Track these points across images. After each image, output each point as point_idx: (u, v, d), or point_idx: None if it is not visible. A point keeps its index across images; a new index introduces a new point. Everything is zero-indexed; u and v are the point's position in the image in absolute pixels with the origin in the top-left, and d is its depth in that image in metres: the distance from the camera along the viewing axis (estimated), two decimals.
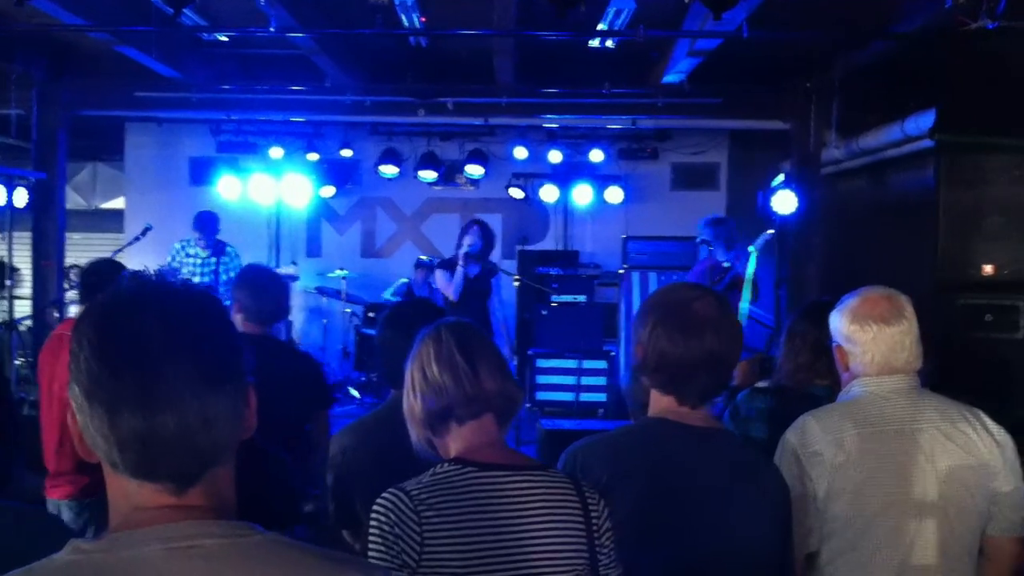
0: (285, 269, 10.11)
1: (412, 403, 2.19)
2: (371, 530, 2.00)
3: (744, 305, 7.55)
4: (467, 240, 7.42)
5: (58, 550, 1.22)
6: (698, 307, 2.30)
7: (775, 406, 3.33)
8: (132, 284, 1.31)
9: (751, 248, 7.60)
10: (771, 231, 7.87)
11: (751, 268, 7.43)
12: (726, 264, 8.19)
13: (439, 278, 7.64)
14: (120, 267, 4.73)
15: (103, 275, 4.57)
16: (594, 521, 2.08)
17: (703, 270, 8.33)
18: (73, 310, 4.67)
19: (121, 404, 1.20)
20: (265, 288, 4.27)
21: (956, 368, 4.75)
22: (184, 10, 6.11)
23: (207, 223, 9.03)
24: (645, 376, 2.39)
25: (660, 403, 2.37)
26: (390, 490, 2.02)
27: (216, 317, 1.33)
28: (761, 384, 3.79)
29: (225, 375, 1.27)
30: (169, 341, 1.23)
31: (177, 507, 1.24)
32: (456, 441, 2.15)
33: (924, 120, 7.63)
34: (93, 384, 1.22)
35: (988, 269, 5.14)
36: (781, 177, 9.48)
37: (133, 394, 1.20)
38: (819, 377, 3.26)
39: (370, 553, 1.98)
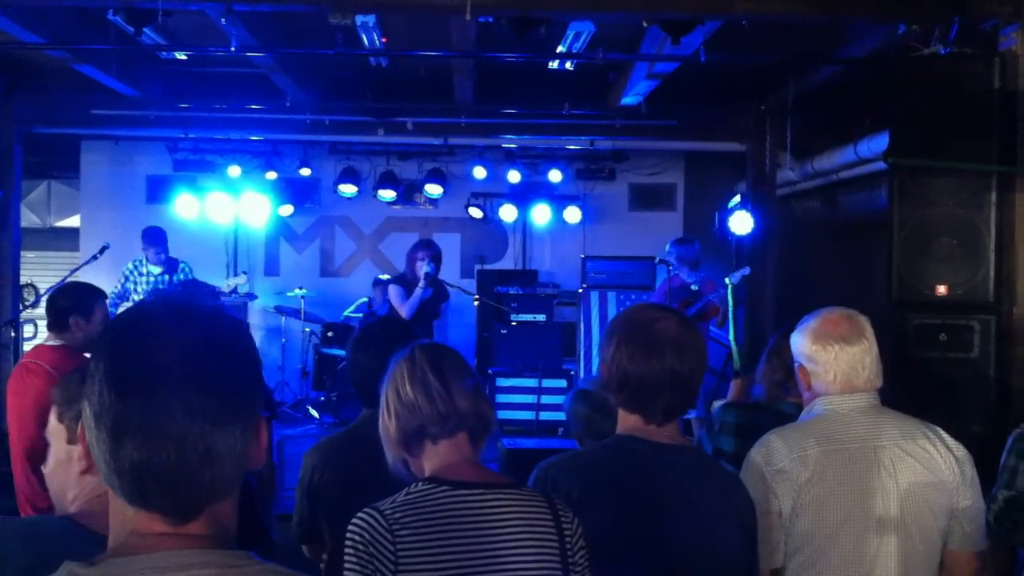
0: (234, 280, 9.71)
1: (387, 423, 2.21)
2: (346, 549, 2.01)
3: (727, 335, 7.65)
4: (422, 268, 7.46)
5: None
6: (660, 327, 2.36)
7: (744, 421, 3.40)
8: (156, 305, 1.27)
9: (728, 280, 7.69)
10: (748, 268, 7.98)
11: (730, 301, 7.54)
12: (694, 287, 8.28)
13: (393, 293, 7.62)
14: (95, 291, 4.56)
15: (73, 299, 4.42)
16: (567, 538, 2.11)
17: (665, 291, 8.40)
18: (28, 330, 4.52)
19: (123, 432, 1.18)
20: None
21: (911, 386, 4.83)
22: (144, 28, 6.10)
23: (156, 236, 8.94)
24: (611, 394, 2.44)
25: (627, 421, 2.41)
26: (365, 510, 2.03)
27: (238, 347, 1.29)
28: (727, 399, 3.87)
29: (235, 410, 1.23)
30: (182, 372, 1.19)
31: (174, 535, 1.22)
32: (430, 460, 2.17)
33: (876, 143, 7.79)
34: (100, 407, 1.20)
35: (942, 289, 5.24)
36: (737, 198, 9.60)
37: (136, 423, 1.18)
38: (790, 395, 3.33)
39: (345, 573, 1.99)
